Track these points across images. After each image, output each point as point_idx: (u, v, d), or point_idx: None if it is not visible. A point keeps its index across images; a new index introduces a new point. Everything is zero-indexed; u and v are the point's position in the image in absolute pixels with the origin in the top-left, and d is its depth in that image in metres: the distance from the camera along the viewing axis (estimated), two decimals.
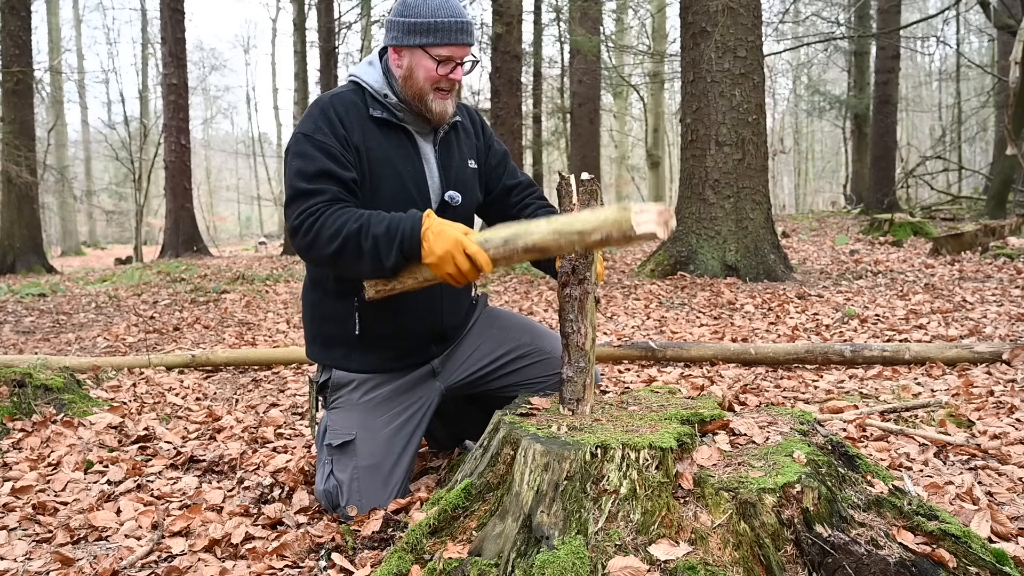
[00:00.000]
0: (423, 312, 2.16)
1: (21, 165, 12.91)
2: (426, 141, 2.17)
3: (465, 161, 2.24)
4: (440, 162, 2.17)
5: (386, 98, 2.10)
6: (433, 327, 2.20)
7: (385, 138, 2.10)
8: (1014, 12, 11.05)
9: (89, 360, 4.42)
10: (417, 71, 2.05)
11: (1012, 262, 7.07)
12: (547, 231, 1.66)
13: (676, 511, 1.51)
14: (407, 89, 2.08)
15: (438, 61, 2.04)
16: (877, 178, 15.43)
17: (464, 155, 2.24)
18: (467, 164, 2.24)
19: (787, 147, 29.52)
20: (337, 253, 1.87)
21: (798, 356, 3.87)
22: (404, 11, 2.05)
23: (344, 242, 1.86)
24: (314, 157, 1.97)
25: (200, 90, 35.43)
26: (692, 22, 7.23)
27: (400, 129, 2.12)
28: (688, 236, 7.26)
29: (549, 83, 19.65)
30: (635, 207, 1.56)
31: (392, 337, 2.15)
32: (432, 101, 2.08)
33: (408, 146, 2.13)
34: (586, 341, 1.79)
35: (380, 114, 2.09)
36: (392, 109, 2.11)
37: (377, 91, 2.10)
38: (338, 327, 2.16)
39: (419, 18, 2.02)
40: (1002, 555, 1.54)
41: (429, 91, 2.07)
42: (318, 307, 2.22)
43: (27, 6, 13.38)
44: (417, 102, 2.09)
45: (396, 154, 2.10)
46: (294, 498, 2.28)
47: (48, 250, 16.25)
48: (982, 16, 17.25)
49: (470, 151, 2.27)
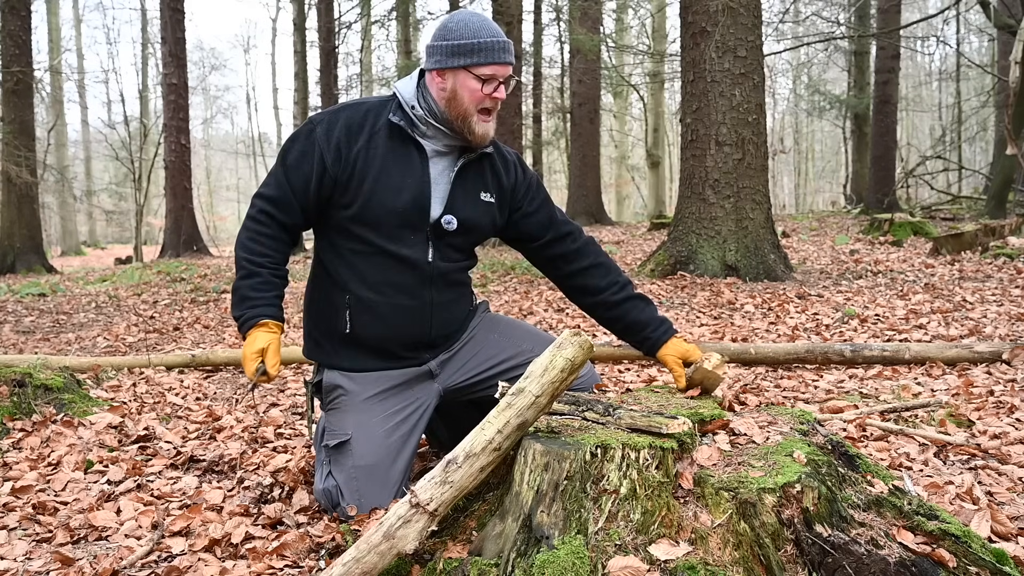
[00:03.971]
0: (411, 321, 2.18)
1: (21, 165, 12.91)
2: (441, 159, 2.17)
3: (478, 192, 2.22)
4: (450, 186, 2.17)
5: (413, 110, 2.12)
6: (421, 336, 2.20)
7: (390, 146, 2.12)
8: (1014, 12, 11.05)
9: (89, 360, 4.42)
10: (461, 92, 2.07)
11: (1012, 262, 7.07)
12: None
13: (676, 511, 1.51)
14: (451, 111, 2.10)
15: (482, 80, 2.06)
16: (877, 178, 15.43)
17: (480, 186, 2.23)
18: (480, 195, 2.22)
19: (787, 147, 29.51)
20: (235, 260, 2.20)
21: (798, 356, 3.87)
22: (446, 35, 2.08)
23: (236, 261, 2.18)
24: (296, 168, 2.15)
25: (200, 90, 35.43)
26: (692, 22, 7.23)
27: (410, 141, 2.14)
28: (688, 236, 7.26)
29: (549, 83, 19.66)
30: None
31: (380, 340, 2.17)
32: (476, 123, 2.10)
33: (415, 159, 2.14)
34: None
35: (397, 120, 2.12)
36: (415, 121, 2.13)
37: (406, 101, 2.13)
38: (330, 323, 2.20)
39: (462, 40, 2.05)
40: (1002, 555, 1.54)
41: (474, 112, 2.09)
42: (314, 304, 2.27)
43: (27, 6, 13.38)
44: (460, 123, 2.10)
45: (400, 164, 2.12)
46: (294, 498, 2.28)
47: (48, 250, 16.26)
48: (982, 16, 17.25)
49: (491, 185, 2.25)
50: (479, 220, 2.22)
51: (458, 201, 2.18)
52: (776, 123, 31.64)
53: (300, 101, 15.60)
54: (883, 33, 14.36)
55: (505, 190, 2.28)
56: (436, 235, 2.16)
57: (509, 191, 2.29)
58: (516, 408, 1.53)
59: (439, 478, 1.51)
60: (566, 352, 1.55)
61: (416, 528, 1.49)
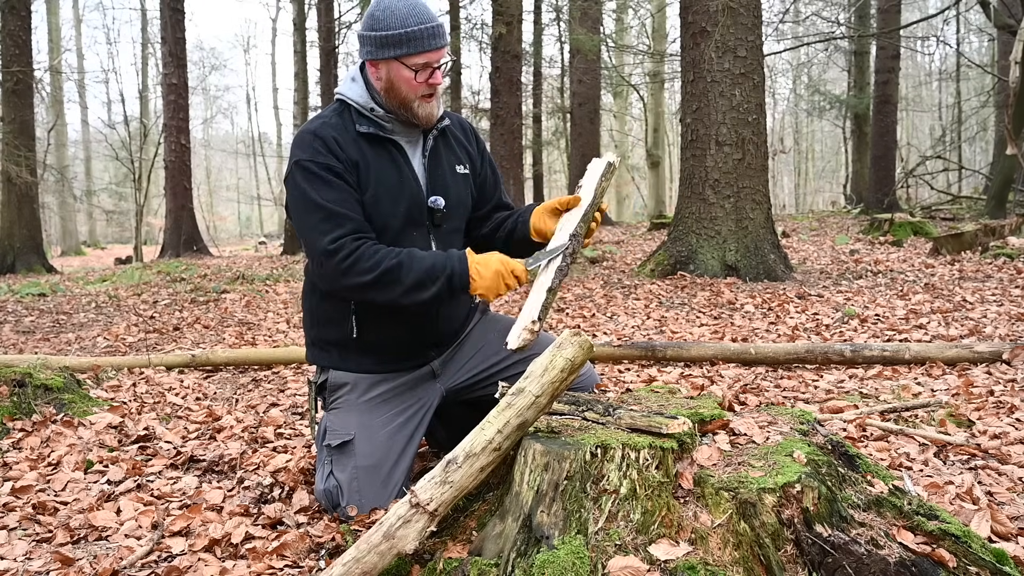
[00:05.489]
0: (420, 318, 2.18)
1: (21, 165, 12.90)
2: (414, 148, 2.18)
3: (453, 167, 2.24)
4: (427, 168, 2.18)
5: (372, 111, 2.11)
6: (430, 333, 2.21)
7: (374, 152, 2.11)
8: (1014, 12, 11.04)
9: (89, 360, 4.42)
10: (397, 83, 2.06)
11: (1012, 262, 7.07)
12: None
13: (676, 511, 1.51)
14: (391, 100, 2.09)
15: (415, 70, 2.04)
16: (877, 178, 15.42)
17: (452, 161, 2.25)
18: (455, 169, 2.24)
19: (787, 147, 29.52)
20: (373, 282, 1.97)
21: (798, 356, 3.87)
22: (374, 25, 2.04)
23: (382, 274, 1.96)
24: (329, 182, 2.02)
25: (200, 90, 35.38)
26: (692, 22, 7.23)
27: (387, 142, 2.13)
28: (688, 236, 7.26)
29: (549, 83, 19.65)
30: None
31: (388, 341, 2.17)
32: (418, 107, 2.09)
33: (397, 157, 2.14)
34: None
35: (367, 129, 2.10)
36: (379, 122, 2.12)
37: (363, 106, 2.11)
38: (336, 330, 2.18)
39: (389, 30, 2.01)
40: (1002, 555, 1.54)
41: (414, 99, 2.08)
42: (316, 311, 2.24)
43: (27, 6, 13.37)
44: (404, 111, 2.10)
45: (386, 167, 2.12)
46: (294, 498, 2.28)
47: (48, 250, 16.26)
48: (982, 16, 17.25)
49: (462, 156, 2.28)
50: (461, 193, 2.25)
51: (439, 181, 2.19)
52: (776, 123, 31.63)
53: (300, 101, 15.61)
54: (883, 33, 14.36)
55: (474, 158, 2.31)
56: (434, 224, 2.17)
57: (478, 157, 2.33)
58: (516, 408, 1.53)
59: (439, 478, 1.51)
60: (566, 352, 1.55)
61: (416, 528, 1.49)
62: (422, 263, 1.98)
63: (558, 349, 1.56)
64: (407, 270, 1.96)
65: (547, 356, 1.56)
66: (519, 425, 1.54)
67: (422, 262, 1.98)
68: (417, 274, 1.97)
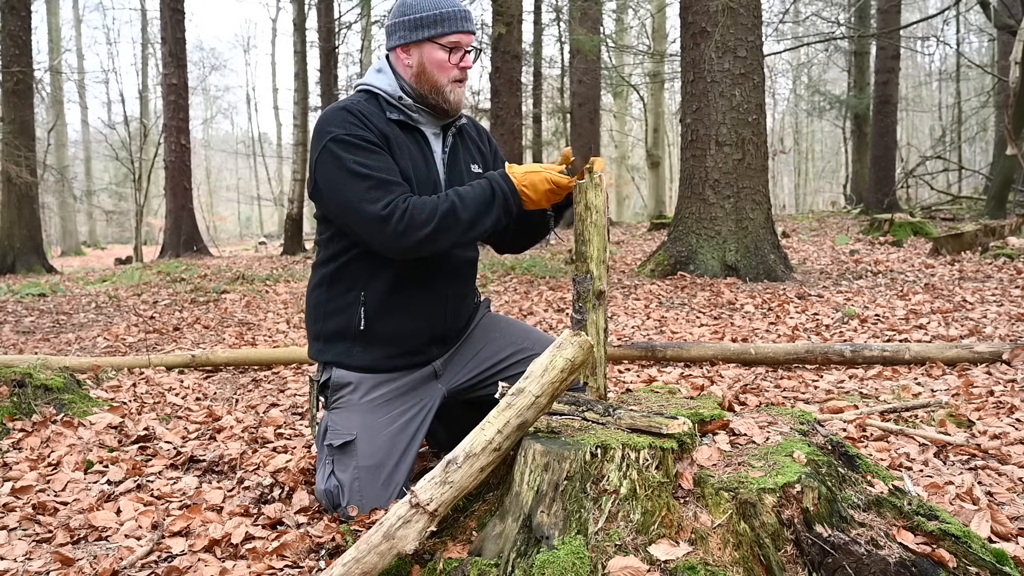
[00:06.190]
0: (427, 313, 2.18)
1: (21, 165, 12.90)
2: (436, 142, 2.21)
3: (468, 165, 2.27)
4: (446, 164, 2.21)
5: (401, 100, 2.13)
6: (435, 329, 2.21)
7: (408, 140, 2.14)
8: (1014, 12, 11.04)
9: (89, 360, 4.42)
10: (430, 65, 2.10)
11: (1012, 262, 7.07)
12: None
13: (676, 511, 1.51)
14: (422, 85, 2.12)
15: (449, 50, 2.09)
16: (877, 178, 15.43)
17: (468, 159, 2.28)
18: (470, 168, 2.27)
19: (787, 147, 29.52)
20: (434, 231, 1.97)
21: (798, 356, 3.87)
22: (406, 10, 2.10)
23: (440, 219, 1.97)
24: (370, 150, 2.02)
25: (200, 90, 35.42)
26: (692, 22, 7.23)
27: (414, 130, 2.16)
28: (688, 236, 7.26)
29: (549, 83, 19.66)
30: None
31: (394, 335, 2.16)
32: (450, 92, 2.13)
33: (423, 147, 2.17)
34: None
35: (396, 116, 2.13)
36: (407, 111, 2.14)
37: (391, 95, 2.13)
38: (342, 321, 2.17)
39: (423, 12, 2.08)
40: (1002, 555, 1.54)
41: (446, 83, 2.11)
42: (323, 305, 2.23)
43: (27, 6, 13.37)
44: (435, 95, 2.12)
45: (415, 153, 2.14)
46: (294, 498, 2.27)
47: (48, 250, 16.25)
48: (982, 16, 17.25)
49: (476, 156, 2.31)
50: None
51: (456, 177, 2.21)
52: (776, 123, 31.63)
53: (300, 101, 15.58)
54: (883, 33, 14.36)
55: (487, 158, 2.34)
56: None
57: (491, 157, 2.35)
58: (516, 408, 1.53)
59: (439, 478, 1.51)
60: (566, 352, 1.55)
61: (416, 528, 1.49)
62: (473, 196, 1.99)
63: (558, 349, 1.56)
64: (462, 208, 1.98)
65: (547, 356, 1.56)
66: (519, 425, 1.54)
67: (472, 195, 1.99)
68: (472, 208, 1.98)
